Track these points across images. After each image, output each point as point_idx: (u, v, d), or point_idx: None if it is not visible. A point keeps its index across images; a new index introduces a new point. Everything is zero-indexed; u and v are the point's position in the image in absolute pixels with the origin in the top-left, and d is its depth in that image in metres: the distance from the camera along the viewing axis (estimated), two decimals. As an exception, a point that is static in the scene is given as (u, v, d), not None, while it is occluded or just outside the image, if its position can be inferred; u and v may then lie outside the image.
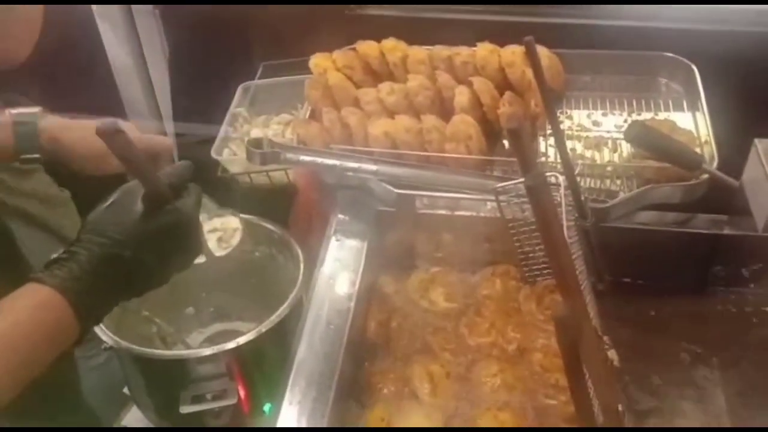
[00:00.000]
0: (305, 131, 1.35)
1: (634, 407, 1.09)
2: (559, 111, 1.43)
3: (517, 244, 1.15)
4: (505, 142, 1.37)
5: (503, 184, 1.09)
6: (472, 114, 1.32)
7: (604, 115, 1.45)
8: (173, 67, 1.97)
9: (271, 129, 1.56)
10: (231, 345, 1.18)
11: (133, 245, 0.83)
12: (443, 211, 1.27)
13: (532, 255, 1.15)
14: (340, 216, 1.29)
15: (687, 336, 1.19)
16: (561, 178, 1.07)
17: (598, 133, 1.40)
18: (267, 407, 1.27)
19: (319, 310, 1.12)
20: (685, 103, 1.43)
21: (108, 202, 0.86)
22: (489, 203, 1.22)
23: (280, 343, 1.19)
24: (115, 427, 1.42)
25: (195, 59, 1.88)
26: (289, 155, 1.22)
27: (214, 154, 1.42)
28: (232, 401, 1.21)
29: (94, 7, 1.92)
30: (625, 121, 1.42)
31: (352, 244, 1.24)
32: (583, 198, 1.11)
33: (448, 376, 1.09)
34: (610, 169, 1.30)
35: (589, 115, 1.45)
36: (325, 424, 0.96)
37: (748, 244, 1.21)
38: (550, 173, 1.09)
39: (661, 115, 1.42)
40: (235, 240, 1.21)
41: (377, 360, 1.14)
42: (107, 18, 1.89)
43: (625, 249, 1.21)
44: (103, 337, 1.20)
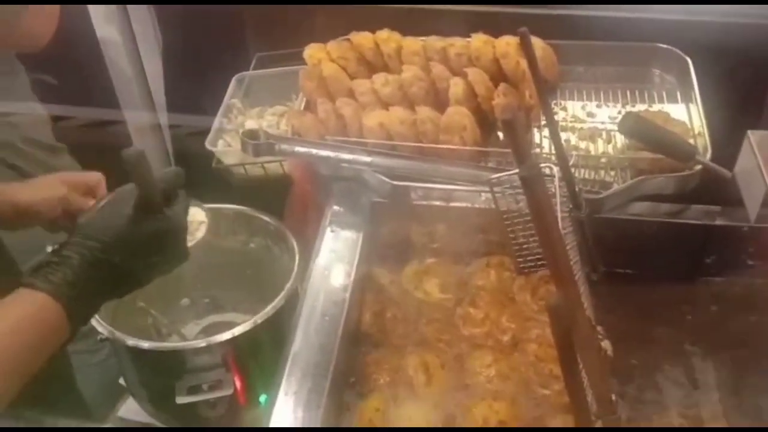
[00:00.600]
0: (300, 122, 1.35)
1: (627, 396, 1.09)
2: (554, 102, 1.44)
3: (512, 235, 1.15)
4: (500, 134, 1.37)
5: (498, 175, 1.09)
6: (467, 105, 1.32)
7: (599, 106, 1.45)
8: (167, 58, 1.96)
9: (265, 120, 1.55)
10: (226, 336, 1.19)
11: (124, 251, 0.85)
12: (438, 203, 1.27)
13: (526, 246, 1.15)
14: (335, 207, 1.29)
15: (680, 325, 1.21)
16: (555, 169, 1.07)
17: (592, 124, 1.40)
18: (263, 398, 1.27)
19: (314, 302, 1.12)
20: (678, 95, 1.43)
21: (100, 206, 0.88)
22: (483, 194, 1.23)
23: (275, 334, 1.20)
24: (116, 427, 1.42)
25: (189, 50, 1.87)
26: (283, 146, 1.22)
27: (208, 145, 1.41)
28: (227, 392, 1.21)
29: (88, -2, 1.91)
30: (619, 112, 1.42)
31: (347, 235, 1.24)
32: (577, 189, 1.11)
33: (443, 366, 1.10)
34: (604, 160, 1.31)
35: (583, 107, 1.45)
36: (320, 414, 0.97)
37: (741, 234, 1.22)
38: (544, 164, 1.09)
39: (655, 106, 1.42)
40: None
41: (372, 351, 1.15)
42: (100, 10, 1.88)
43: (619, 240, 1.22)
44: (99, 329, 1.20)
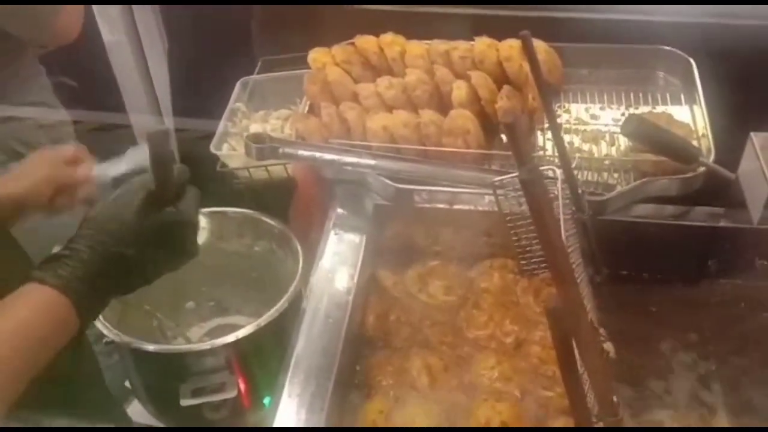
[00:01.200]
0: (304, 126, 1.35)
1: (630, 398, 1.09)
2: (557, 105, 1.44)
3: (515, 238, 1.15)
4: (503, 136, 1.37)
5: (501, 178, 1.10)
6: (470, 108, 1.32)
7: (602, 108, 1.45)
8: (172, 62, 1.97)
9: (269, 124, 1.56)
10: (231, 339, 1.19)
11: (135, 244, 0.84)
12: (441, 205, 1.27)
13: (529, 248, 1.15)
14: (339, 210, 1.30)
15: (684, 327, 1.20)
16: (558, 171, 1.08)
17: (595, 126, 1.40)
18: (266, 400, 1.28)
19: (318, 304, 1.13)
20: (682, 97, 1.44)
21: (111, 199, 0.87)
22: (487, 197, 1.23)
23: (279, 337, 1.20)
24: (117, 427, 1.42)
25: (194, 54, 1.88)
26: (287, 150, 1.23)
27: (213, 149, 1.42)
28: (231, 394, 1.21)
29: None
30: (622, 114, 1.42)
31: (350, 238, 1.25)
32: (580, 191, 1.11)
33: (447, 368, 1.10)
34: (607, 162, 1.31)
35: (586, 109, 1.45)
36: (323, 416, 0.97)
37: (744, 236, 1.22)
38: (547, 167, 1.09)
39: (659, 108, 1.42)
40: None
41: (376, 353, 1.15)
42: (106, 13, 1.90)
43: (623, 242, 1.22)
44: (105, 332, 1.20)
